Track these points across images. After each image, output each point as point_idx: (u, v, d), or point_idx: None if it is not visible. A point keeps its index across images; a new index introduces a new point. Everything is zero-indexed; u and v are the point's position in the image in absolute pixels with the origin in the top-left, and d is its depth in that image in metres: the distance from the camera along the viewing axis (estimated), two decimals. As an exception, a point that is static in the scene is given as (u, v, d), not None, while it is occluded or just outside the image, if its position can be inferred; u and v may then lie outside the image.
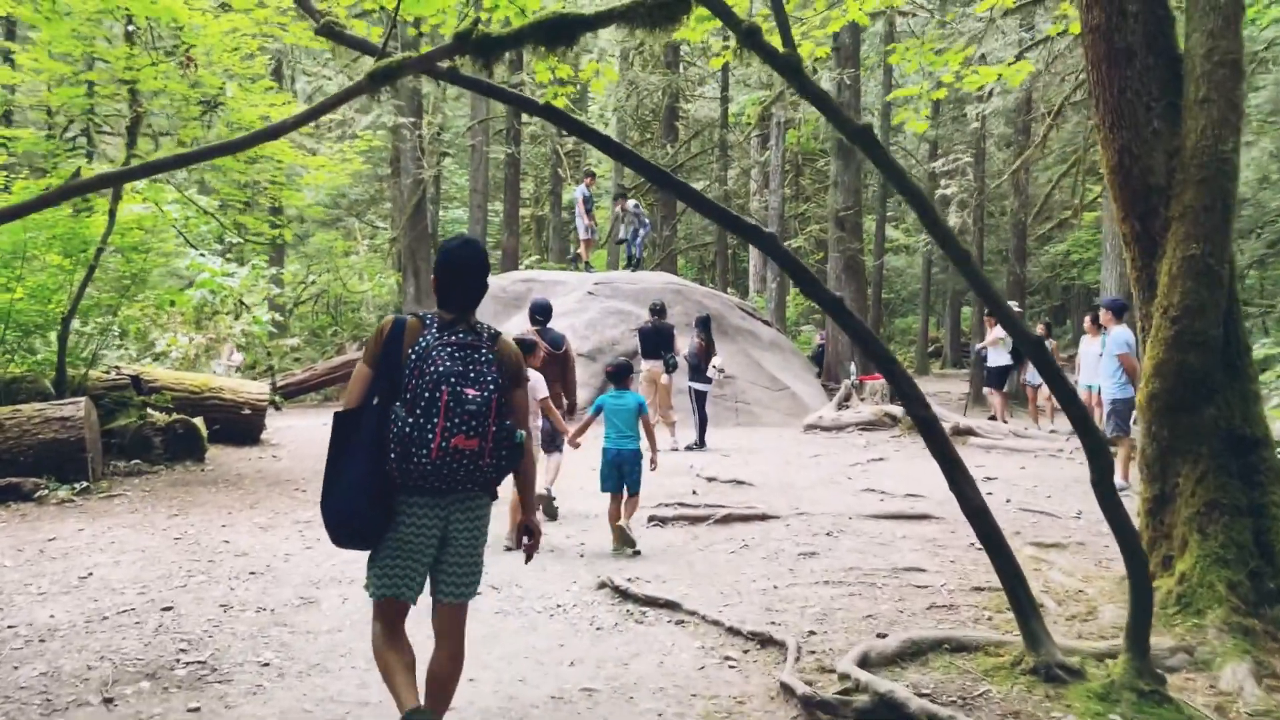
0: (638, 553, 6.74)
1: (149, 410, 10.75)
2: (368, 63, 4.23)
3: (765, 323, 18.68)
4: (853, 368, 16.35)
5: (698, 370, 12.69)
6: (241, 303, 14.76)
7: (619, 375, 7.25)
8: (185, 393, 11.61)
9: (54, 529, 7.27)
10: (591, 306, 16.90)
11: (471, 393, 3.15)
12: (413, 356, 3.19)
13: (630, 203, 18.42)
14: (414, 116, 20.26)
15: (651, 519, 7.66)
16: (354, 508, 3.23)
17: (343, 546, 3.39)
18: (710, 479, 9.65)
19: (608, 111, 30.82)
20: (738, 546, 6.90)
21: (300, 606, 5.42)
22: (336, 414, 3.31)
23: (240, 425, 11.93)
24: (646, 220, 18.69)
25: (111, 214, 9.51)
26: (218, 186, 9.47)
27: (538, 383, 7.10)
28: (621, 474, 7.00)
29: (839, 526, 7.40)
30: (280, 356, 21.27)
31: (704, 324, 13.10)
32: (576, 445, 7.17)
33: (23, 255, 10.04)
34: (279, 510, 8.12)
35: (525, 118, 25.50)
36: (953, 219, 16.44)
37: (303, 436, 13.53)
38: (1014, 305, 19.09)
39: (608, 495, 7.08)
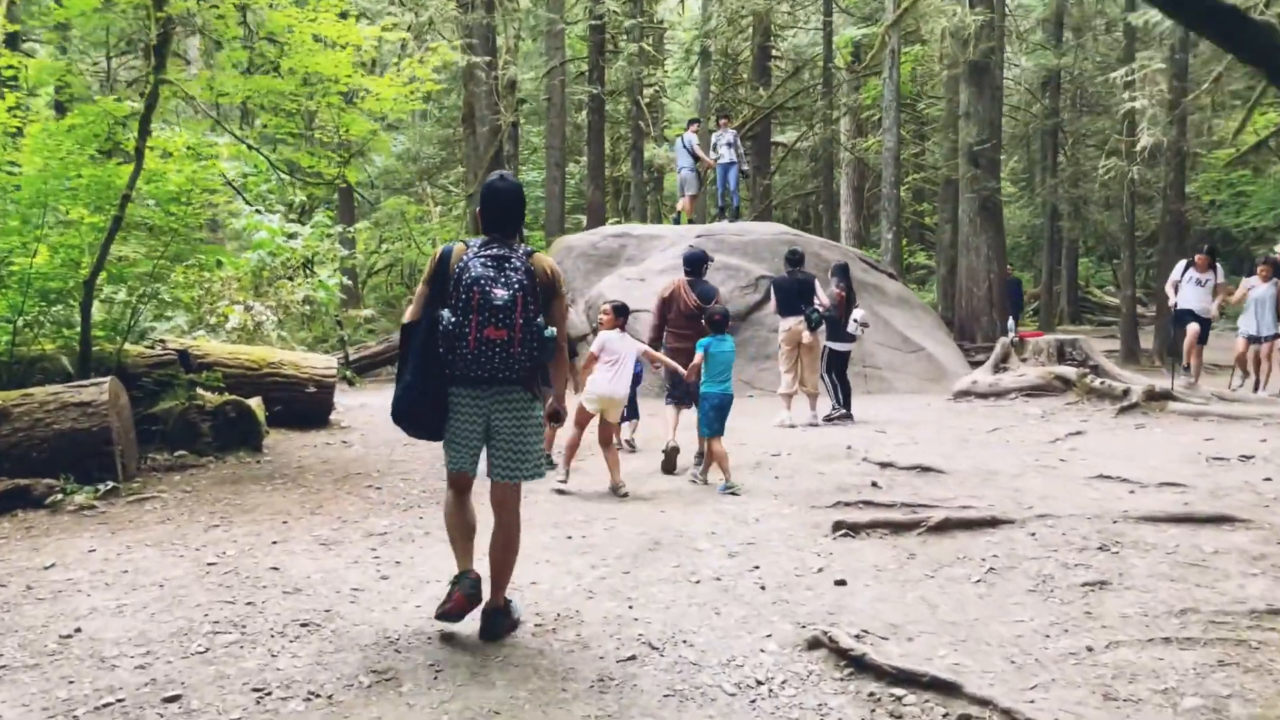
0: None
1: (199, 391, 9.09)
2: None
3: (890, 275, 16.45)
4: (1011, 323, 14.11)
5: (836, 326, 10.66)
6: (309, 264, 13.05)
7: (720, 325, 7.48)
8: (240, 369, 9.93)
9: (58, 550, 5.56)
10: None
11: (499, 292, 3.79)
12: (456, 271, 3.86)
13: (730, 132, 16.28)
14: (488, 55, 18.20)
15: (839, 526, 5.67)
16: (412, 402, 3.99)
17: (413, 436, 4.14)
18: (883, 464, 7.61)
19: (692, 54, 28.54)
20: (980, 570, 4.88)
21: (371, 689, 3.57)
22: (402, 325, 4.08)
23: (305, 405, 10.22)
24: (745, 158, 16.52)
25: (138, 153, 7.78)
26: (265, 117, 7.70)
27: (611, 340, 7.40)
28: (723, 418, 7.38)
29: (1108, 536, 5.31)
30: (353, 328, 19.73)
31: (842, 271, 11.03)
32: (691, 379, 7.53)
33: (43, 206, 8.40)
34: (346, 517, 6.32)
35: (610, 51, 23.33)
36: (1144, 139, 13.96)
37: (378, 417, 11.80)
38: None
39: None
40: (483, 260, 3.84)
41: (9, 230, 8.26)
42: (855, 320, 10.69)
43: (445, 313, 3.83)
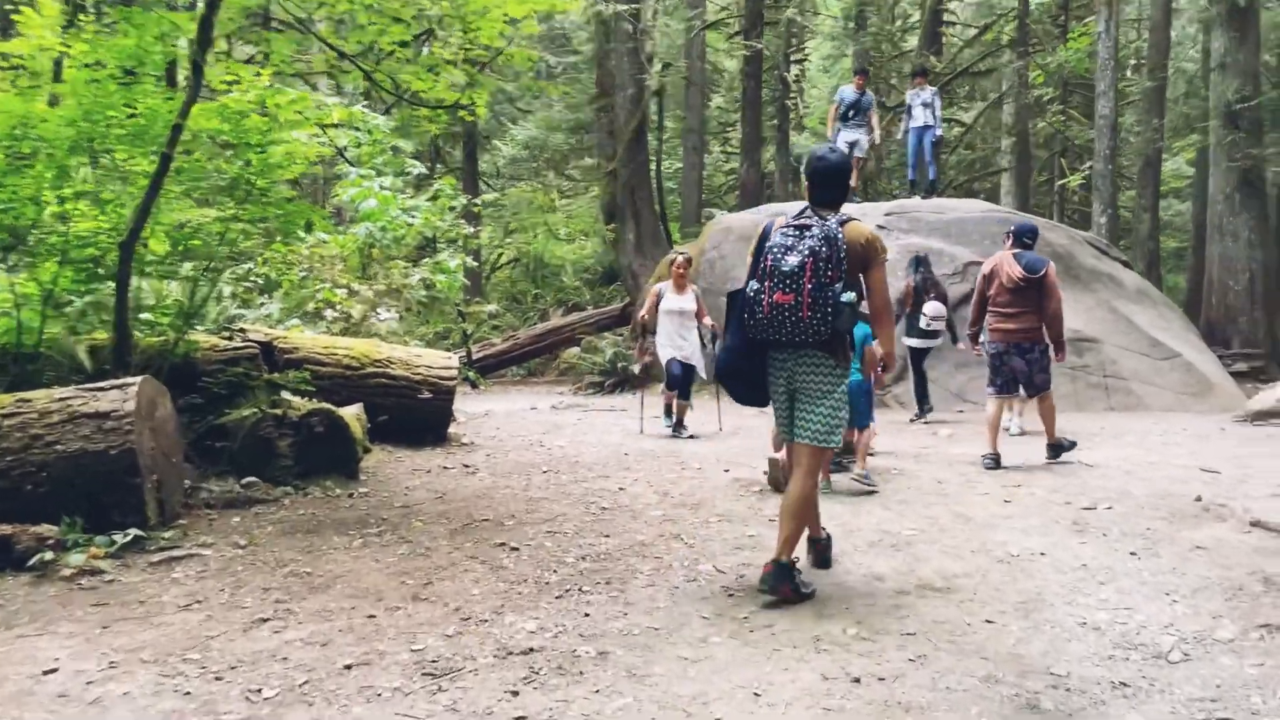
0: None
1: (284, 395, 6.93)
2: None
3: (1124, 263, 13.38)
4: None
5: (911, 322, 10.10)
6: (429, 244, 10.87)
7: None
8: (337, 368, 7.77)
9: (4, 659, 3.35)
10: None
11: (790, 259, 3.89)
12: (765, 242, 4.05)
13: (928, 90, 13.46)
14: (632, 1, 15.58)
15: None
16: (729, 361, 4.22)
17: (736, 399, 4.37)
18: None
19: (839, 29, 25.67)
20: None
21: None
22: (728, 293, 4.27)
23: (418, 415, 8.01)
24: (940, 121, 13.67)
25: (195, 68, 5.61)
26: (364, 17, 5.47)
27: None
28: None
29: None
30: (477, 324, 17.70)
31: (917, 263, 10.30)
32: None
33: (86, 151, 6.36)
34: (468, 609, 3.93)
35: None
36: None
37: (507, 428, 9.54)
38: None
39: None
40: (784, 230, 4.02)
41: (37, 182, 6.20)
42: (925, 315, 9.96)
43: (752, 281, 4.03)
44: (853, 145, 13.35)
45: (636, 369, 13.97)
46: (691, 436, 8.78)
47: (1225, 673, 3.23)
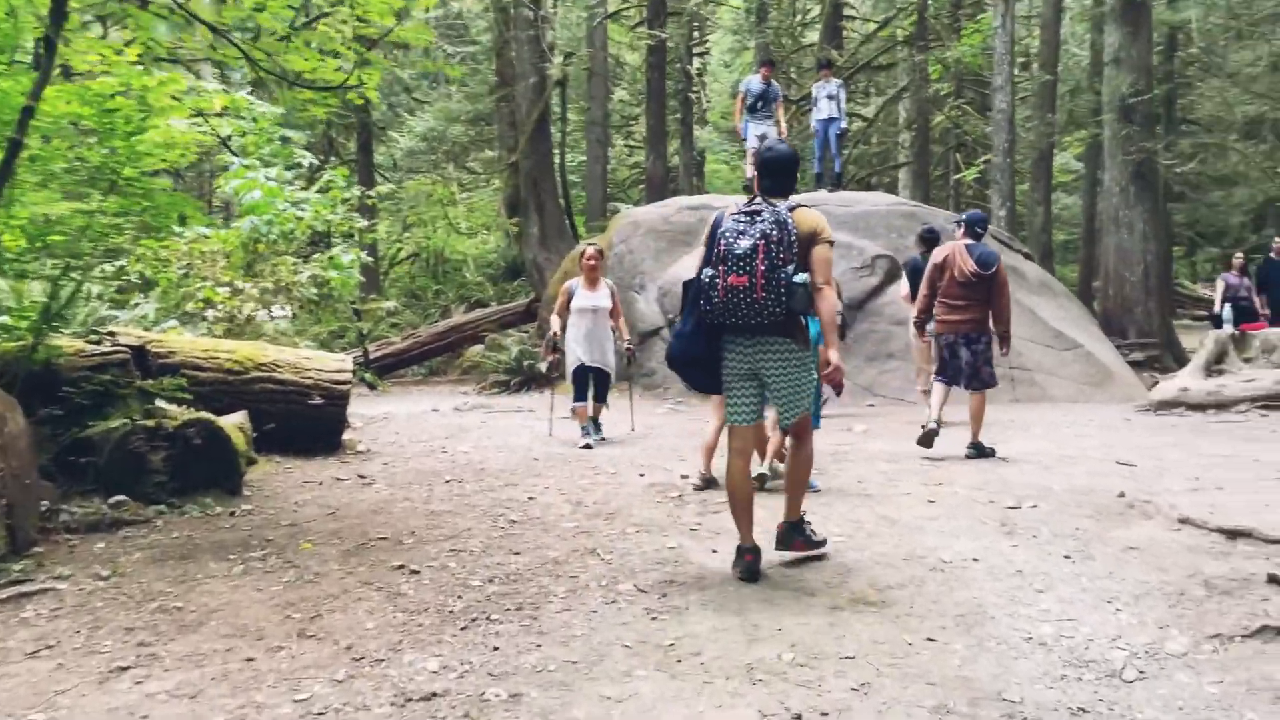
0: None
1: (159, 404, 6.34)
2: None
3: (1026, 255, 13.52)
4: (1228, 311, 11.14)
5: None
6: (322, 239, 10.26)
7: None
8: (218, 373, 7.19)
9: None
10: (794, 238, 11.98)
11: (742, 242, 4.01)
12: (718, 229, 4.17)
13: (833, 83, 13.34)
14: (531, -10, 15.11)
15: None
16: (684, 349, 4.31)
17: (691, 385, 4.64)
18: (1232, 533, 4.71)
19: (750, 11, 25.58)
20: None
21: None
22: (683, 283, 4.55)
23: (308, 422, 7.48)
24: (845, 113, 13.58)
25: (49, 45, 5.00)
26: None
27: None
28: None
29: None
30: (375, 322, 16.99)
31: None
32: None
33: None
34: (362, 647, 3.51)
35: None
36: None
37: (407, 433, 9.04)
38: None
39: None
40: (736, 217, 4.14)
41: None
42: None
43: (707, 268, 4.14)
44: (762, 138, 13.18)
45: (543, 367, 13.56)
46: (603, 439, 8.39)
47: (1185, 691, 3.03)
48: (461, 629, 3.67)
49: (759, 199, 4.17)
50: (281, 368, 7.49)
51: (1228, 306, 11.25)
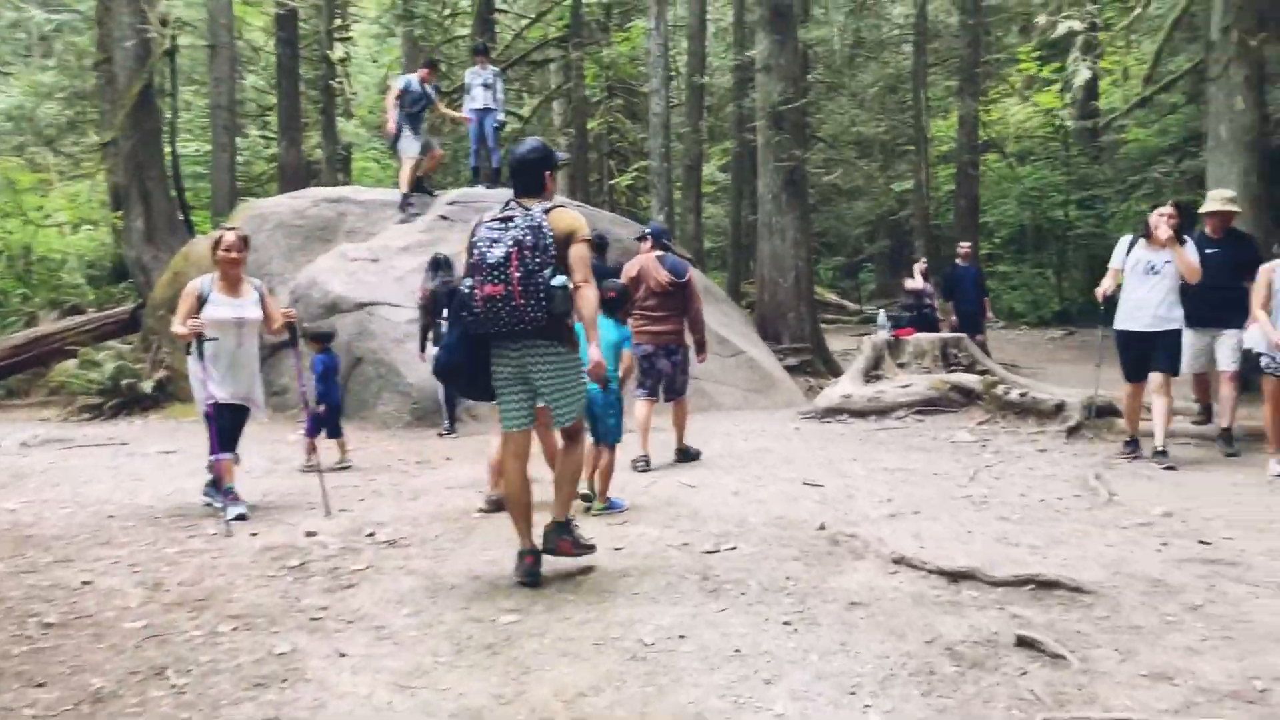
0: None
1: None
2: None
3: (687, 259, 13.19)
4: (883, 317, 11.20)
5: (438, 331, 8.98)
6: None
7: (612, 305, 5.84)
8: None
9: None
10: (449, 239, 10.77)
11: (495, 250, 3.92)
12: (473, 238, 4.08)
13: (489, 70, 12.26)
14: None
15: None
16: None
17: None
18: (943, 573, 4.13)
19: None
20: None
21: None
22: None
23: None
24: (502, 104, 12.62)
25: None
26: None
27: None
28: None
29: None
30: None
31: (435, 266, 9.02)
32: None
33: None
34: None
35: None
36: (1083, 72, 11.23)
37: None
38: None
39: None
40: (489, 225, 4.04)
41: None
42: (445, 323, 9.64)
43: (466, 279, 4.06)
44: (426, 146, 11.92)
45: (148, 387, 11.33)
46: (241, 517, 5.57)
47: None
48: None
49: (513, 203, 4.10)
50: None
51: (882, 313, 11.50)
